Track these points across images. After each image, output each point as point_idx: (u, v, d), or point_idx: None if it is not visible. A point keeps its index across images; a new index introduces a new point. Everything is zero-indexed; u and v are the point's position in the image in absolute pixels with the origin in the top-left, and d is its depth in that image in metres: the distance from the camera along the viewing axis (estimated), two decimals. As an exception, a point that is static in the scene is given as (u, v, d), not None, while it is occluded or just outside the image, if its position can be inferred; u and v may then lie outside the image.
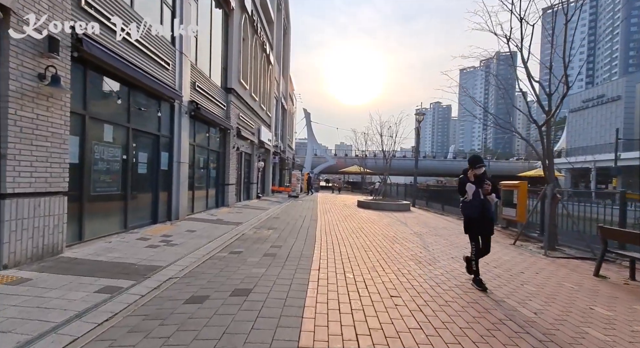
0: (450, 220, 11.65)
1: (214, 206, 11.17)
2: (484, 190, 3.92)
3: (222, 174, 12.00)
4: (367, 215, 11.68)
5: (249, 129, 15.29)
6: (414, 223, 9.93)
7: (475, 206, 3.98)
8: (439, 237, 7.53)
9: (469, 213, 4.07)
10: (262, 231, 7.36)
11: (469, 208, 4.05)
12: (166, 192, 7.72)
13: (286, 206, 14.13)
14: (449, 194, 14.59)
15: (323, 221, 9.38)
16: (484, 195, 3.95)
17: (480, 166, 3.96)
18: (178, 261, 4.52)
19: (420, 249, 6.02)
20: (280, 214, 10.79)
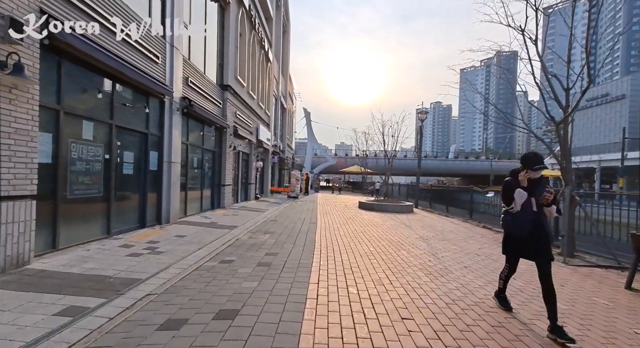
0: (456, 222, 11.15)
1: (209, 208, 10.69)
2: (540, 199, 2.92)
3: (218, 175, 11.51)
4: (369, 217, 11.19)
5: (247, 128, 14.80)
6: (419, 226, 9.44)
7: (525, 221, 2.98)
8: (447, 242, 7.04)
9: (514, 229, 3.09)
10: (258, 235, 6.87)
11: (515, 223, 3.06)
12: (155, 194, 7.23)
13: (285, 208, 13.64)
14: (453, 195, 14.10)
15: (323, 224, 8.89)
16: (539, 207, 2.98)
17: (540, 167, 2.95)
18: (160, 273, 4.04)
19: (429, 257, 5.53)
20: (279, 217, 10.30)
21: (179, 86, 7.95)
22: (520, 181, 3.05)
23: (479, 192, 11.55)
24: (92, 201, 5.30)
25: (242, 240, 6.36)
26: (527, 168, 3.02)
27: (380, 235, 7.50)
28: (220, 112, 11.32)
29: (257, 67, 16.25)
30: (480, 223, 10.64)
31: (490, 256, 5.88)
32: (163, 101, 7.35)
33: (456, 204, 13.56)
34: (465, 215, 12.26)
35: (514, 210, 3.09)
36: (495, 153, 76.50)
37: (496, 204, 10.33)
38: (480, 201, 11.52)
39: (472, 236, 8.10)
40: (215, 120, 10.43)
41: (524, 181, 3.03)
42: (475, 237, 8.04)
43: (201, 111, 9.10)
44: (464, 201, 12.81)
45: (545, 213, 3.01)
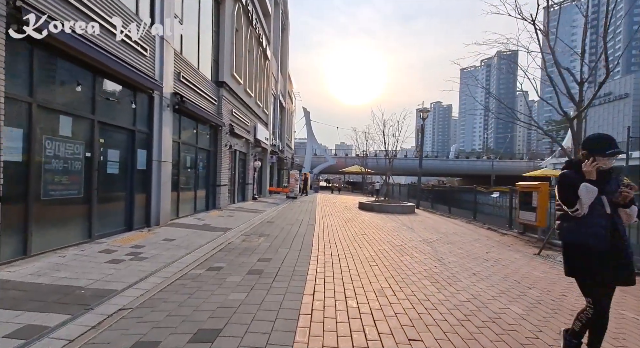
0: (459, 223, 10.76)
1: (203, 209, 10.30)
2: (615, 197, 2.16)
3: (213, 175, 11.13)
4: (369, 219, 10.80)
5: (244, 127, 14.42)
6: (422, 228, 9.05)
7: (599, 227, 2.14)
8: (452, 246, 6.65)
9: (584, 240, 2.16)
10: (252, 238, 6.48)
11: (584, 231, 2.18)
12: (144, 194, 6.84)
13: (283, 209, 13.25)
14: (456, 195, 13.71)
15: (322, 226, 8.50)
16: (614, 207, 2.18)
17: (615, 152, 2.18)
18: (140, 282, 3.65)
19: (434, 262, 5.14)
20: (276, 218, 9.91)
21: (170, 81, 7.57)
22: (587, 172, 2.18)
23: (483, 192, 11.17)
24: (70, 203, 4.91)
25: (235, 243, 5.97)
26: (596, 154, 2.19)
27: (381, 238, 7.11)
28: (215, 109, 10.94)
29: (255, 65, 15.86)
30: (484, 225, 10.25)
31: (499, 261, 5.49)
32: (152, 97, 6.96)
33: (459, 205, 13.18)
34: (468, 216, 11.87)
35: (580, 213, 2.19)
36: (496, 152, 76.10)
37: (501, 205, 9.94)
38: (484, 201, 11.13)
39: (477, 239, 7.71)
40: (210, 118, 10.05)
41: (591, 172, 2.17)
42: (481, 240, 7.65)
43: (194, 108, 8.71)
44: (467, 201, 12.42)
45: (622, 216, 2.19)
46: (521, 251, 6.54)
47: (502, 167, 43.80)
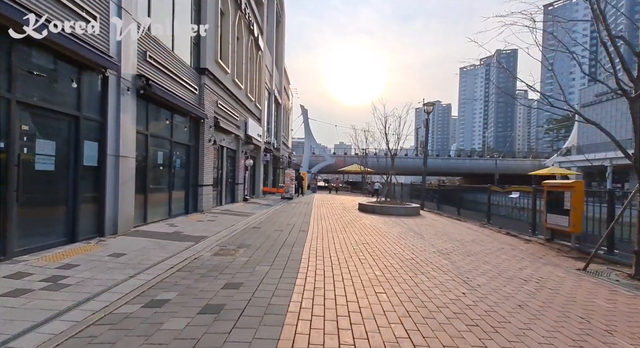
0: (473, 228, 9.51)
1: (181, 213, 9.02)
2: None
3: (194, 173, 9.85)
4: (370, 222, 9.55)
5: (233, 121, 13.15)
6: (432, 234, 7.80)
7: None
8: (474, 259, 5.40)
9: None
10: (227, 251, 5.22)
11: None
12: (94, 197, 5.57)
13: (275, 211, 11.99)
14: (465, 195, 12.46)
15: (316, 233, 7.25)
16: None
17: None
18: (26, 334, 2.38)
19: (459, 286, 3.89)
20: (264, 223, 8.65)
21: (132, 59, 6.29)
22: None
23: (499, 192, 9.94)
24: (-29, 209, 3.64)
25: (204, 259, 4.70)
26: None
27: (386, 248, 5.85)
28: (196, 99, 9.67)
29: (245, 54, 14.59)
30: (501, 229, 9.02)
31: (541, 282, 4.24)
32: (106, 77, 5.68)
33: (469, 206, 11.95)
34: (481, 219, 10.64)
35: None
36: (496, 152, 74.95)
37: (522, 207, 8.71)
38: (500, 203, 9.88)
39: (501, 248, 6.46)
40: (189, 108, 8.78)
41: None
42: (506, 249, 6.40)
43: (167, 95, 7.44)
44: (479, 202, 11.18)
45: None
46: (560, 265, 5.29)
47: (505, 166, 42.60)
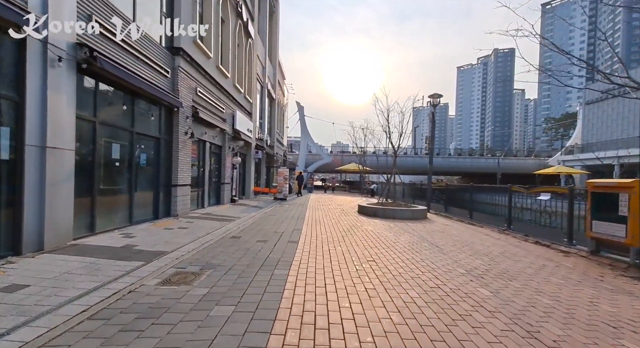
0: (492, 235, 8.14)
1: (148, 218, 7.56)
2: None
3: (167, 171, 8.40)
4: (374, 228, 8.14)
5: (217, 113, 11.69)
6: (450, 245, 6.40)
7: None
8: (519, 285, 4.00)
9: None
10: (184, 276, 3.79)
11: None
12: (7, 201, 4.11)
13: (264, 214, 10.55)
14: (478, 196, 11.09)
15: (308, 244, 5.83)
16: None
17: None
18: None
19: (522, 338, 2.49)
20: (247, 230, 7.22)
21: (68, 21, 4.82)
22: None
23: (523, 193, 8.57)
24: None
25: (143, 292, 3.27)
26: None
27: (399, 269, 4.45)
28: (168, 84, 8.21)
29: (232, 40, 13.13)
30: (527, 237, 7.66)
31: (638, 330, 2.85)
32: (24, 42, 4.22)
33: (483, 209, 10.59)
34: (499, 224, 9.28)
35: None
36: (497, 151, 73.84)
37: (555, 212, 7.35)
38: (524, 205, 8.52)
39: (542, 266, 5.08)
40: (158, 93, 7.32)
41: None
42: (549, 267, 5.02)
43: (124, 74, 5.98)
44: (496, 204, 9.82)
45: None
46: (634, 293, 3.92)
47: (507, 165, 41.40)
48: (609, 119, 32.94)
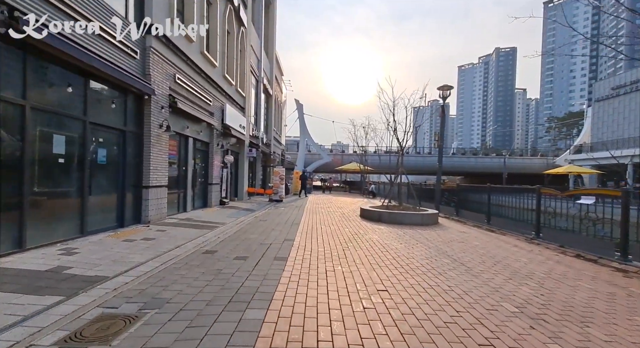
0: (521, 245, 6.86)
1: (109, 227, 6.28)
2: None
3: (136, 171, 7.13)
4: (380, 238, 6.87)
5: (202, 106, 10.43)
6: (477, 261, 5.12)
7: None
8: (598, 329, 2.73)
9: None
10: (105, 328, 2.52)
11: None
12: None
13: (254, 219, 9.28)
14: (497, 198, 9.79)
15: (299, 263, 4.55)
16: None
17: None
18: None
19: None
20: (227, 242, 5.94)
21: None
22: None
23: (556, 196, 7.30)
24: None
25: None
26: None
27: (423, 304, 3.17)
28: (137, 68, 6.95)
29: (221, 26, 11.87)
30: (563, 247, 6.40)
31: None
32: None
33: (502, 212, 9.30)
34: (524, 231, 8.00)
35: None
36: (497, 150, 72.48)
37: (599, 218, 6.06)
38: (557, 210, 7.23)
39: (613, 297, 3.80)
40: (121, 77, 6.06)
41: None
42: (620, 297, 3.74)
43: (68, 48, 4.72)
44: (518, 208, 8.53)
45: None
46: None
47: (513, 164, 40.10)
48: (620, 117, 31.65)
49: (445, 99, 12.62)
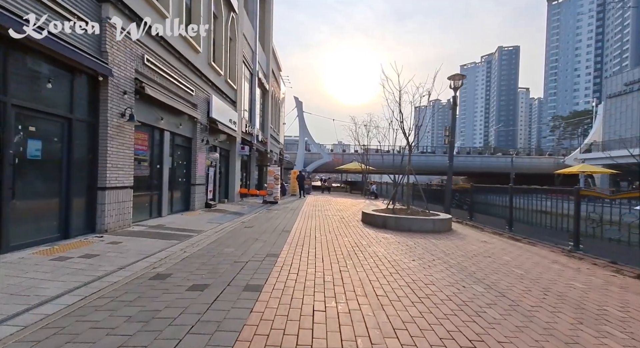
0: (561, 260, 5.54)
1: (48, 238, 5.00)
2: None
3: (89, 168, 5.86)
4: (387, 251, 5.56)
5: (182, 95, 9.16)
6: (520, 289, 3.81)
7: None
8: None
9: None
10: None
11: None
12: None
13: (239, 225, 7.99)
14: (520, 201, 8.45)
15: (277, 297, 3.26)
16: None
17: None
18: None
19: None
20: (190, 259, 4.65)
21: None
22: None
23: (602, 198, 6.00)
24: None
25: None
26: None
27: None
28: (93, 43, 5.68)
29: (206, 7, 10.60)
30: (616, 264, 5.09)
31: None
32: None
33: (530, 219, 7.98)
34: (558, 241, 6.70)
35: None
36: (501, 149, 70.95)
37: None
38: (605, 217, 5.90)
39: None
40: (62, 51, 4.79)
41: None
42: None
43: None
44: (550, 213, 7.22)
45: None
46: None
47: (520, 164, 38.68)
48: (634, 114, 30.21)
49: (456, 90, 11.30)
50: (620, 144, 28.63)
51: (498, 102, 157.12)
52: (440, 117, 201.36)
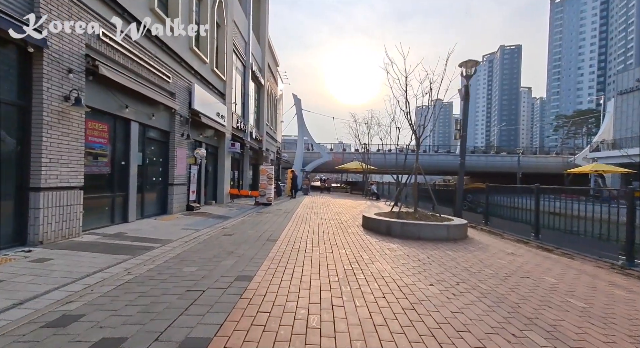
0: (618, 281, 4.28)
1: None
2: None
3: (18, 166, 4.63)
4: (394, 270, 4.32)
5: (157, 82, 7.94)
6: (586, 328, 2.56)
7: None
8: None
9: None
10: None
11: None
12: None
13: (218, 232, 6.75)
14: (549, 203, 7.18)
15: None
16: None
17: None
18: None
19: None
20: (129, 288, 3.42)
21: None
22: None
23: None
24: None
25: None
26: None
27: None
28: (24, 5, 4.45)
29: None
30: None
31: None
32: None
33: (562, 225, 6.74)
34: (603, 253, 5.46)
35: None
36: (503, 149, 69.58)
37: None
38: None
39: None
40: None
41: None
42: None
43: None
44: (591, 220, 5.98)
45: None
46: None
47: (526, 164, 37.34)
48: None
49: (469, 79, 10.05)
50: (634, 141, 27.35)
51: (500, 101, 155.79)
52: (442, 117, 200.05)
